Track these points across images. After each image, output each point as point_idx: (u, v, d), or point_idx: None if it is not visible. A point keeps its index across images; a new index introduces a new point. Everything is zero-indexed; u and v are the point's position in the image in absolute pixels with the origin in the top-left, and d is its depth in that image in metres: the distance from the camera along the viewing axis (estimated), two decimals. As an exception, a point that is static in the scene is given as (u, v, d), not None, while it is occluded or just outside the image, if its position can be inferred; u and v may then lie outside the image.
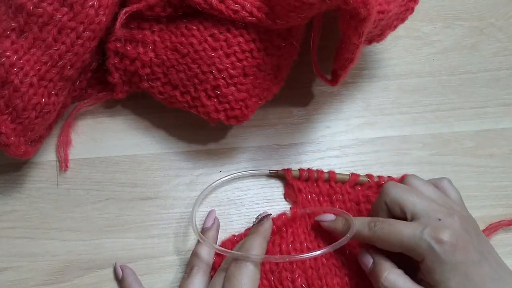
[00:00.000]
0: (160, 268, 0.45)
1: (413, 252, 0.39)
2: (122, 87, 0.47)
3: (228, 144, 0.50)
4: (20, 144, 0.41)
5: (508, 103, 0.54)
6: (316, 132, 0.51)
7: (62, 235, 0.45)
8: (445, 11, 0.58)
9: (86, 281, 0.44)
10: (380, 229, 0.40)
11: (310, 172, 0.48)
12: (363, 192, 0.48)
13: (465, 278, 0.37)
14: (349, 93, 0.53)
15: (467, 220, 0.41)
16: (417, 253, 0.38)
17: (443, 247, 0.37)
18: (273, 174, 0.48)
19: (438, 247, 0.37)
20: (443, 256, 0.37)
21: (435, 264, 0.38)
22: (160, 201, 0.47)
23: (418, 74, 0.55)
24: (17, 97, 0.39)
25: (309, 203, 0.47)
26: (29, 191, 0.46)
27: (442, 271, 0.37)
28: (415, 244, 0.38)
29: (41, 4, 0.39)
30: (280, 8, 0.41)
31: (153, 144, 0.49)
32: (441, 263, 0.37)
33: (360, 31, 0.39)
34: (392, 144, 0.51)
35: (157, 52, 0.44)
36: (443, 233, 0.38)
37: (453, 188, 0.44)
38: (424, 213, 0.40)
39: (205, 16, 0.43)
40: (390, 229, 0.40)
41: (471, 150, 0.52)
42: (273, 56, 0.44)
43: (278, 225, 0.45)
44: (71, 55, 0.41)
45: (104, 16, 0.41)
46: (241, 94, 0.44)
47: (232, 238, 0.46)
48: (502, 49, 0.57)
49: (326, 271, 0.44)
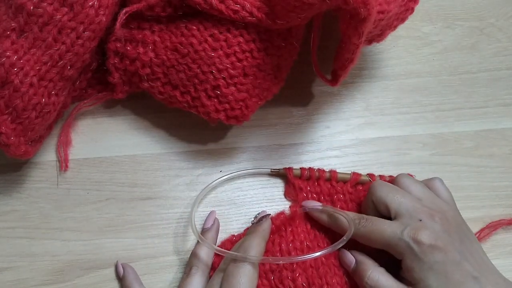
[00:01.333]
0: (160, 268, 0.45)
1: (393, 251, 0.41)
2: (122, 87, 0.47)
3: (228, 144, 0.50)
4: (20, 144, 0.41)
5: (508, 103, 0.54)
6: (316, 132, 0.51)
7: (62, 235, 0.45)
8: (445, 11, 0.58)
9: (86, 281, 0.44)
10: (363, 226, 0.42)
11: (311, 171, 0.48)
12: (364, 192, 0.48)
13: (445, 277, 0.38)
14: (349, 93, 0.53)
15: (450, 220, 0.41)
16: (397, 251, 0.40)
17: (421, 247, 0.39)
18: (274, 173, 0.48)
19: (416, 247, 0.39)
20: (421, 255, 0.39)
21: (414, 263, 0.39)
22: (160, 201, 0.47)
23: (418, 74, 0.55)
24: (17, 97, 0.39)
25: None
26: (29, 191, 0.46)
27: (420, 269, 0.39)
28: (395, 243, 0.40)
29: (41, 4, 0.39)
30: (280, 8, 0.41)
31: (153, 144, 0.49)
32: (419, 262, 0.39)
33: (360, 31, 0.39)
34: (392, 144, 0.51)
35: (157, 52, 0.44)
36: (421, 233, 0.39)
37: (444, 188, 0.45)
38: (407, 213, 0.41)
39: (205, 16, 0.43)
40: (373, 227, 0.41)
41: (471, 150, 0.52)
42: (273, 56, 0.44)
43: (277, 224, 0.45)
44: (71, 55, 0.41)
45: (104, 16, 0.41)
46: (241, 94, 0.44)
47: (231, 238, 0.46)
48: (502, 49, 0.57)
49: (326, 270, 0.44)
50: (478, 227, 0.49)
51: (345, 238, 0.42)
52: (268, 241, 0.44)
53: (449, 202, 0.44)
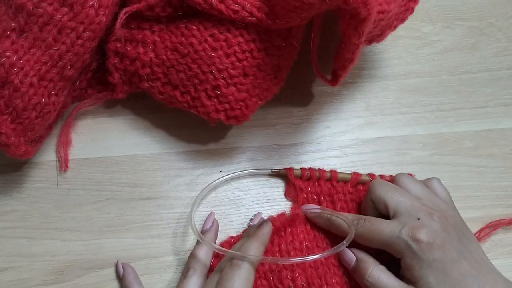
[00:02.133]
0: (160, 268, 0.45)
1: (392, 250, 0.41)
2: (122, 87, 0.47)
3: (228, 144, 0.50)
4: (20, 144, 0.41)
5: (508, 103, 0.54)
6: (316, 132, 0.51)
7: (62, 235, 0.45)
8: (445, 11, 0.58)
9: (86, 281, 0.44)
10: (362, 227, 0.42)
11: (312, 171, 0.48)
12: (364, 192, 0.47)
13: (444, 275, 0.38)
14: (349, 93, 0.53)
15: (449, 219, 0.41)
16: (395, 250, 0.40)
17: (420, 245, 0.39)
18: (274, 173, 0.48)
19: (414, 246, 0.39)
20: (419, 254, 0.39)
21: (413, 261, 0.39)
22: (160, 201, 0.47)
23: (418, 74, 0.55)
24: (17, 97, 0.39)
25: (308, 203, 0.47)
26: (29, 191, 0.46)
27: (420, 268, 0.39)
28: (393, 242, 0.40)
29: (41, 4, 0.39)
30: (280, 8, 0.41)
31: (153, 144, 0.49)
32: (418, 261, 0.39)
33: (360, 31, 0.39)
34: (392, 144, 0.51)
35: (157, 52, 0.44)
36: (420, 232, 0.39)
37: (442, 187, 0.45)
38: (405, 212, 0.41)
39: (205, 16, 0.43)
40: (371, 227, 0.42)
41: (471, 150, 0.52)
42: (273, 56, 0.44)
43: (277, 226, 0.45)
44: (71, 55, 0.41)
45: (104, 16, 0.41)
46: (241, 94, 0.44)
47: (230, 239, 0.46)
48: (502, 49, 0.57)
49: (325, 270, 0.44)
50: (478, 227, 0.49)
51: (345, 242, 0.42)
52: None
53: (448, 202, 0.44)
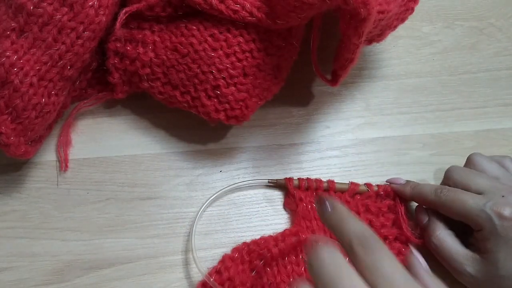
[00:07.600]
0: (160, 268, 0.45)
1: (472, 222, 0.41)
2: (122, 87, 0.47)
3: (228, 144, 0.50)
4: (20, 144, 0.41)
5: (508, 103, 0.54)
6: (316, 132, 0.51)
7: (62, 235, 0.45)
8: (445, 11, 0.58)
9: (86, 281, 0.44)
10: (445, 196, 0.43)
11: (309, 181, 0.47)
12: (362, 202, 0.47)
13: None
14: (349, 93, 0.53)
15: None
16: (476, 223, 0.41)
17: (502, 222, 0.39)
18: (272, 184, 0.48)
19: (497, 221, 0.39)
20: (500, 229, 0.39)
21: (492, 235, 0.40)
22: (160, 201, 0.47)
23: (418, 74, 0.55)
24: (17, 97, 0.39)
25: (309, 213, 0.46)
26: (29, 191, 0.46)
27: (495, 242, 0.40)
28: (476, 214, 0.40)
29: (41, 4, 0.39)
30: (280, 8, 0.41)
31: (153, 144, 0.49)
32: (496, 235, 0.40)
33: (360, 31, 0.39)
34: (392, 144, 0.51)
35: (157, 52, 0.44)
36: (505, 208, 0.40)
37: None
38: (489, 190, 0.42)
39: (205, 16, 0.43)
40: (455, 197, 0.42)
41: (471, 150, 0.52)
42: (273, 56, 0.44)
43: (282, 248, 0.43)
44: (71, 55, 0.41)
45: (104, 16, 0.41)
46: (241, 94, 0.44)
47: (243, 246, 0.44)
48: (502, 49, 0.57)
49: None
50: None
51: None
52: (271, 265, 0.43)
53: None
